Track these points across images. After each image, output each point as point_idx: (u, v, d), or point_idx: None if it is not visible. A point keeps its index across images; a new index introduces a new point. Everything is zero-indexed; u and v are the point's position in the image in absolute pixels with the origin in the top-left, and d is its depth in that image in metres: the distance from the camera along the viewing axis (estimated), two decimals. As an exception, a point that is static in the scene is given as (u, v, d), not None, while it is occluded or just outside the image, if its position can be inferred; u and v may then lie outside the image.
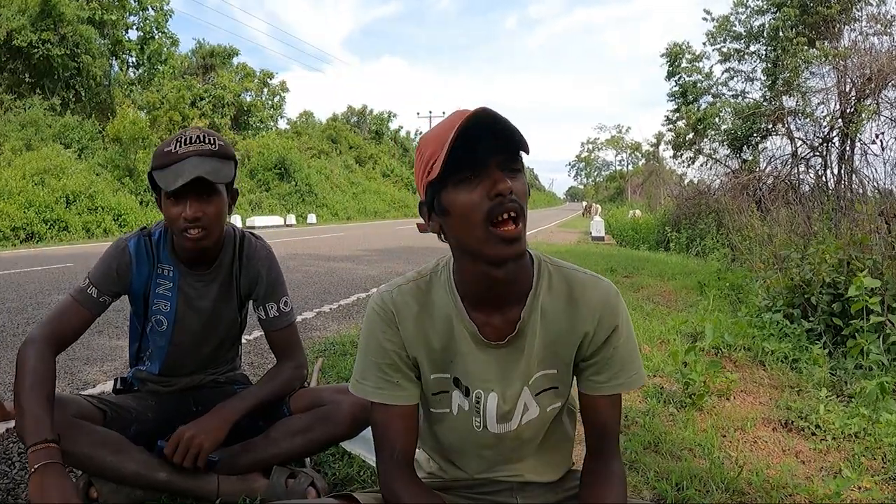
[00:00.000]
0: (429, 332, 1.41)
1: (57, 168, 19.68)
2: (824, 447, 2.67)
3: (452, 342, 1.40)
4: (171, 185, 1.87)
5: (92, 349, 4.38)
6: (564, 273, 1.43)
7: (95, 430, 1.94)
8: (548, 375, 1.44)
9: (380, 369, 1.41)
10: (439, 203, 1.27)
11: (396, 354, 1.41)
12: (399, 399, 1.42)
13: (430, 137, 1.27)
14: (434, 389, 1.46)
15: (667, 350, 4.14)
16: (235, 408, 2.04)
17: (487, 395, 1.42)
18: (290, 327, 2.23)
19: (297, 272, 9.12)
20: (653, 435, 2.71)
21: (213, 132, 2.00)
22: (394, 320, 1.40)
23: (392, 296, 1.42)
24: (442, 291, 1.41)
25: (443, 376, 1.44)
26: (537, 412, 1.47)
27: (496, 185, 1.19)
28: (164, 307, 2.13)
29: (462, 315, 1.38)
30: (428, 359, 1.42)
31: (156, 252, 2.11)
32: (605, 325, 1.40)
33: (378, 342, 1.41)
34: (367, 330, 1.43)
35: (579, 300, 1.40)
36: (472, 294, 1.37)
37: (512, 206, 1.20)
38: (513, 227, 1.21)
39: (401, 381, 1.42)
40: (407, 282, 1.44)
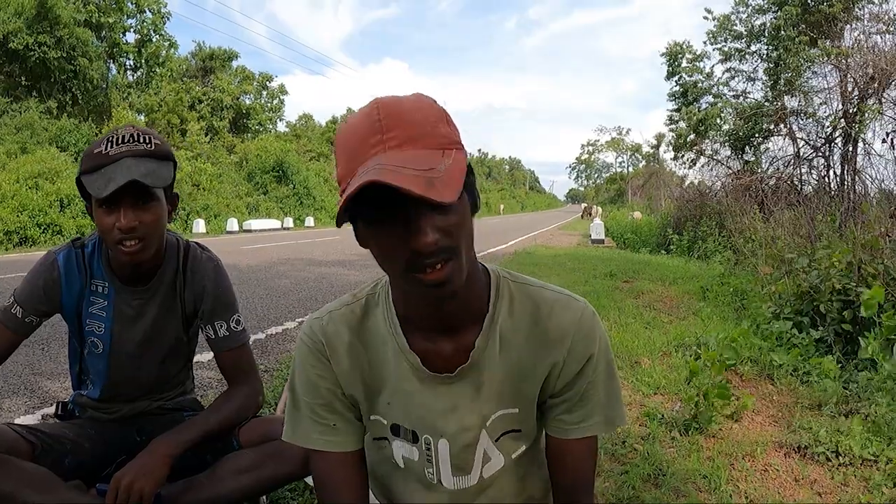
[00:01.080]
0: (364, 365, 1.18)
1: (52, 171, 19.45)
2: (842, 476, 2.43)
3: (389, 379, 1.16)
4: (102, 190, 1.63)
5: (58, 362, 4.14)
6: (528, 292, 1.16)
7: (20, 467, 1.69)
8: (508, 416, 1.18)
9: (312, 410, 1.18)
10: (356, 229, 1.02)
11: (330, 392, 1.18)
12: (337, 445, 1.18)
13: (341, 145, 0.98)
14: (375, 434, 1.22)
15: (668, 364, 3.90)
16: (176, 442, 1.79)
17: (437, 442, 1.17)
18: (241, 348, 1.97)
19: (286, 278, 8.89)
20: (653, 466, 2.46)
21: (150, 130, 1.76)
22: (324, 352, 1.17)
23: (322, 323, 1.19)
24: (380, 317, 1.17)
25: (380, 420, 1.20)
26: (501, 462, 1.21)
27: (414, 240, 0.92)
28: (99, 329, 1.90)
29: (401, 345, 1.13)
30: (365, 397, 1.20)
31: (88, 266, 1.87)
32: (578, 353, 1.13)
33: (308, 378, 1.18)
34: (297, 364, 1.21)
35: (547, 324, 1.13)
36: (414, 320, 1.12)
37: (435, 261, 0.94)
38: (438, 272, 0.95)
39: (337, 423, 1.19)
40: (340, 306, 1.21)
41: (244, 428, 1.94)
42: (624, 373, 3.79)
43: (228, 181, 28.40)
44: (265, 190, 30.81)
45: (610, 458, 2.58)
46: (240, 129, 37.02)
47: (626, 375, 3.73)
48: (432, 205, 0.89)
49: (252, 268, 10.05)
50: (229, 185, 28.17)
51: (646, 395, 3.39)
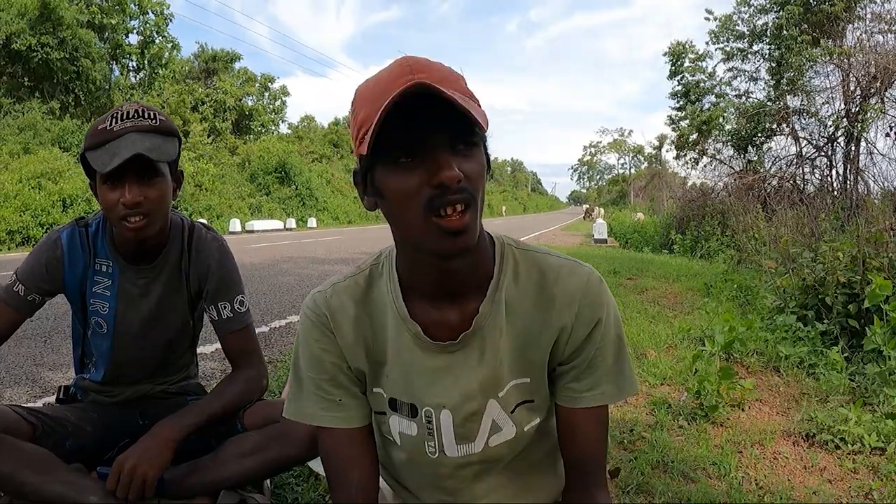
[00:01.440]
0: (368, 337, 1.15)
1: (54, 172, 19.44)
2: (851, 463, 2.41)
3: (389, 350, 1.13)
4: (106, 165, 1.61)
5: (61, 354, 4.13)
6: (533, 258, 1.13)
7: (19, 447, 1.67)
8: (520, 386, 1.14)
9: (317, 386, 1.15)
10: (372, 181, 0.99)
11: (335, 366, 1.15)
12: (343, 421, 1.15)
13: (363, 95, 0.98)
14: (376, 408, 1.19)
15: (674, 355, 3.87)
16: (180, 426, 1.76)
17: (439, 413, 1.13)
18: (245, 330, 1.95)
19: (289, 275, 8.88)
20: (661, 453, 2.43)
21: (153, 107, 1.74)
22: (328, 325, 1.14)
23: (325, 296, 1.16)
24: (382, 286, 1.15)
25: (380, 393, 1.17)
26: (513, 433, 1.16)
27: (439, 173, 0.91)
28: (103, 308, 1.88)
29: (402, 313, 1.10)
30: (370, 369, 1.16)
31: (92, 245, 1.85)
32: (586, 318, 1.10)
33: (312, 353, 1.15)
34: (301, 339, 1.17)
35: (553, 289, 1.10)
36: (416, 285, 1.10)
37: (457, 199, 0.93)
38: (458, 218, 0.93)
39: (343, 398, 1.16)
40: (344, 278, 1.18)
41: (248, 411, 1.91)
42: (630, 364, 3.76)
43: (231, 182, 28.42)
44: (268, 191, 30.82)
45: (618, 446, 2.55)
46: (242, 130, 37.05)
47: (632, 367, 3.70)
48: (463, 143, 0.94)
49: (256, 265, 10.04)
50: (232, 185, 28.18)
51: (652, 385, 3.37)
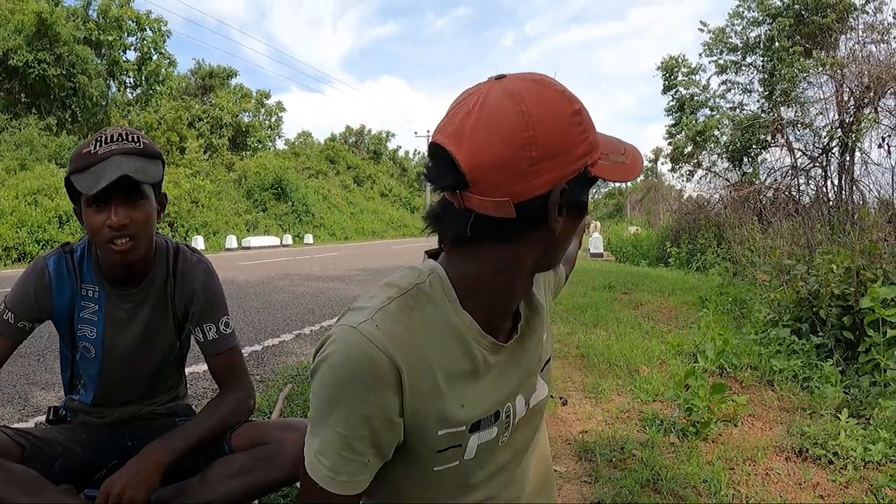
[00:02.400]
0: (434, 365, 0.97)
1: (51, 188, 19.47)
2: (844, 479, 2.40)
3: (464, 372, 1.02)
4: (92, 187, 1.62)
5: (53, 373, 4.11)
6: None
7: (7, 468, 1.66)
8: (546, 344, 1.20)
9: (348, 446, 0.94)
10: (578, 200, 0.96)
11: (385, 422, 0.95)
12: (358, 486, 0.98)
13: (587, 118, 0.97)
14: (441, 446, 1.03)
15: (667, 371, 3.87)
16: (168, 449, 1.76)
17: (515, 400, 1.11)
18: (231, 351, 1.95)
19: (284, 293, 8.85)
20: (652, 471, 2.42)
21: (137, 130, 1.75)
22: (394, 372, 0.92)
23: (377, 326, 0.93)
24: (444, 308, 1.00)
25: (454, 431, 1.02)
26: (546, 391, 1.20)
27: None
28: (91, 333, 1.88)
29: (474, 331, 1.01)
30: (436, 408, 0.99)
31: (78, 271, 1.85)
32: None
33: (354, 408, 0.92)
34: (340, 389, 0.93)
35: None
36: (487, 307, 1.02)
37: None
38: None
39: (371, 459, 0.97)
40: (388, 300, 0.97)
41: (236, 433, 1.91)
42: (622, 381, 3.76)
43: (227, 198, 28.41)
44: (264, 207, 30.82)
45: (608, 463, 2.54)
46: (238, 146, 37.06)
47: (624, 384, 3.70)
48: None
49: (250, 283, 10.02)
50: (228, 202, 28.18)
51: (644, 402, 3.36)
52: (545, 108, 0.88)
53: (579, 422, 3.09)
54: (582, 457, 2.64)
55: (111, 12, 27.63)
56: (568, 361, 4.31)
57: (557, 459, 2.63)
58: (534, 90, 0.90)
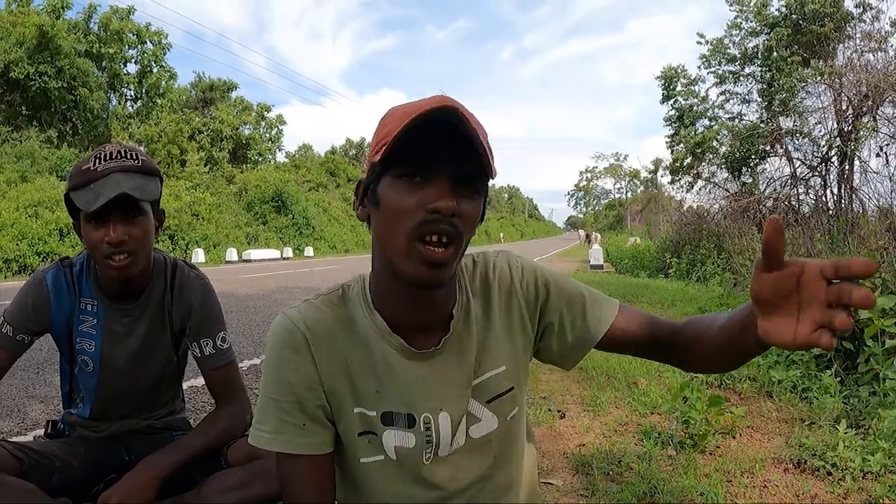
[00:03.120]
0: (346, 353, 1.14)
1: (51, 200, 19.51)
2: (842, 490, 2.39)
3: (375, 365, 1.14)
4: (91, 204, 1.65)
5: (52, 386, 4.11)
6: (474, 256, 1.25)
7: (6, 482, 1.69)
8: (497, 376, 1.19)
9: (281, 409, 1.12)
10: (374, 189, 1.05)
11: (305, 389, 1.12)
12: (306, 447, 1.13)
13: (394, 113, 1.03)
14: (359, 428, 1.16)
15: (664, 384, 3.87)
16: (164, 463, 1.78)
17: (437, 416, 1.15)
18: (228, 366, 1.96)
19: (284, 306, 8.82)
20: (649, 484, 2.42)
21: (136, 147, 1.78)
22: (305, 344, 1.11)
23: (300, 312, 1.14)
24: (357, 307, 1.16)
25: (367, 413, 1.15)
26: (495, 423, 1.20)
27: (437, 200, 0.97)
28: (89, 346, 1.89)
29: (382, 329, 1.13)
30: (349, 388, 1.14)
31: (77, 285, 1.88)
32: (528, 280, 1.23)
33: (280, 374, 1.12)
34: (270, 360, 1.14)
35: (491, 272, 1.23)
36: (392, 313, 1.13)
37: (444, 230, 0.98)
38: (440, 251, 0.99)
39: (307, 423, 1.13)
40: (316, 297, 1.18)
41: (232, 447, 1.92)
42: (621, 393, 3.76)
43: (228, 211, 28.45)
44: (264, 220, 30.85)
45: (605, 476, 2.54)
46: (239, 159, 37.18)
47: (622, 396, 3.70)
48: (467, 187, 1.00)
49: (251, 296, 10.04)
50: (229, 215, 28.21)
51: (642, 414, 3.36)
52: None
53: (577, 435, 3.09)
54: (579, 470, 2.64)
55: (112, 25, 27.81)
56: (566, 374, 4.30)
57: (554, 473, 2.63)
58: None
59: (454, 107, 0.95)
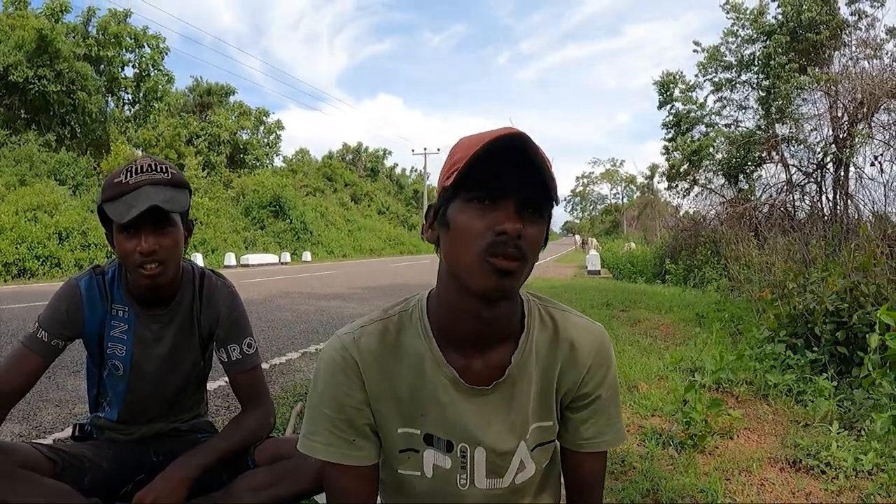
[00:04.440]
0: (396, 378, 1.22)
1: (50, 204, 19.54)
2: (836, 487, 2.49)
3: (424, 391, 1.22)
4: (124, 216, 1.74)
5: (65, 391, 4.19)
6: (553, 314, 1.28)
7: (40, 482, 1.77)
8: (544, 428, 1.29)
9: (333, 424, 1.22)
10: (444, 213, 1.12)
11: (355, 410, 1.22)
12: (355, 459, 1.23)
13: (466, 141, 1.12)
14: (401, 446, 1.26)
15: (665, 387, 3.96)
16: (195, 464, 1.88)
17: (474, 449, 1.24)
18: (254, 371, 2.06)
19: (287, 311, 8.93)
20: (651, 482, 2.52)
21: (165, 161, 1.87)
22: (356, 369, 1.20)
23: (353, 338, 1.22)
24: (413, 332, 1.23)
25: (411, 432, 1.25)
26: (534, 470, 1.30)
27: (504, 223, 1.04)
28: (120, 351, 1.98)
29: (437, 358, 1.21)
30: (396, 411, 1.23)
31: (109, 292, 1.96)
32: (596, 373, 1.27)
33: (333, 394, 1.21)
34: (322, 379, 1.23)
35: (571, 344, 1.25)
36: (452, 333, 1.20)
37: (511, 252, 1.05)
38: (511, 263, 1.06)
39: (357, 439, 1.23)
40: (371, 321, 1.25)
41: (259, 448, 2.02)
42: (622, 397, 3.84)
43: (226, 216, 28.49)
44: (262, 224, 30.89)
45: (609, 475, 2.63)
46: (237, 164, 37.15)
47: (623, 399, 3.79)
48: (533, 211, 1.08)
49: (252, 301, 10.09)
50: (227, 219, 28.25)
51: (643, 416, 3.45)
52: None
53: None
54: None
55: (110, 29, 27.80)
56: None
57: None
58: None
59: (521, 135, 1.03)
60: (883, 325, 3.64)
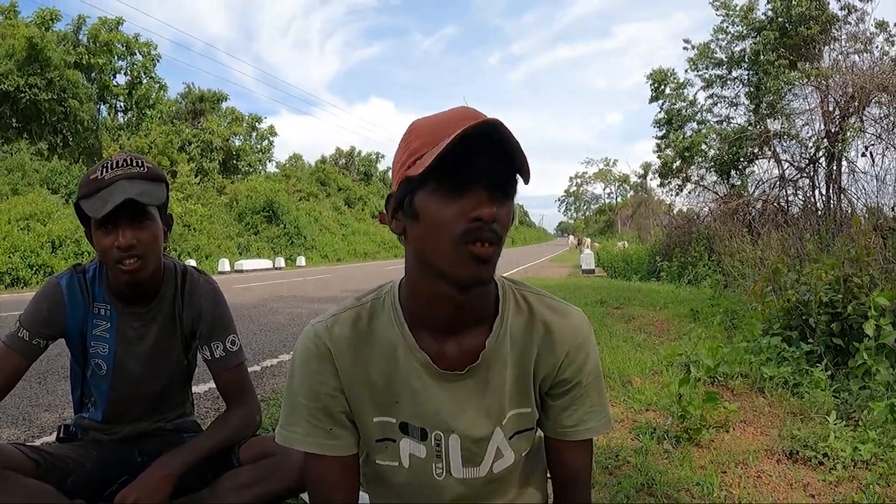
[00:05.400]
0: (370, 366, 1.20)
1: (43, 213, 19.50)
2: (834, 478, 2.47)
3: (398, 378, 1.19)
4: (100, 211, 1.71)
5: (56, 395, 4.16)
6: (531, 297, 1.24)
7: (24, 483, 1.72)
8: (522, 415, 1.25)
9: (310, 414, 1.20)
10: (410, 203, 1.07)
11: (330, 398, 1.20)
12: (333, 449, 1.21)
13: (423, 127, 1.09)
14: (377, 435, 1.24)
15: (659, 382, 3.93)
16: (179, 462, 1.83)
17: (448, 437, 1.21)
18: (238, 368, 2.02)
19: (280, 314, 8.90)
20: (646, 476, 2.49)
21: (141, 156, 1.84)
22: (329, 356, 1.18)
23: (326, 326, 1.20)
24: (386, 319, 1.21)
25: (387, 420, 1.22)
26: (512, 458, 1.26)
27: (478, 209, 1.02)
28: (103, 350, 1.94)
29: (410, 343, 1.18)
30: (370, 399, 1.21)
31: (90, 290, 1.93)
32: (575, 358, 1.22)
33: (308, 383, 1.20)
34: (297, 368, 1.21)
35: (547, 329, 1.21)
36: (425, 319, 1.17)
37: (488, 237, 1.03)
38: (488, 249, 1.03)
39: (334, 428, 1.21)
40: (345, 310, 1.23)
41: (243, 446, 1.98)
42: (616, 392, 3.82)
43: (219, 222, 28.43)
44: (256, 230, 30.85)
45: (603, 470, 2.60)
46: (230, 170, 37.07)
47: (617, 395, 3.76)
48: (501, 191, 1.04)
49: (245, 305, 10.05)
50: (220, 225, 28.20)
51: (637, 411, 3.42)
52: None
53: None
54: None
55: (101, 36, 27.77)
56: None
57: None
58: None
59: (495, 124, 0.99)
60: (878, 309, 3.61)
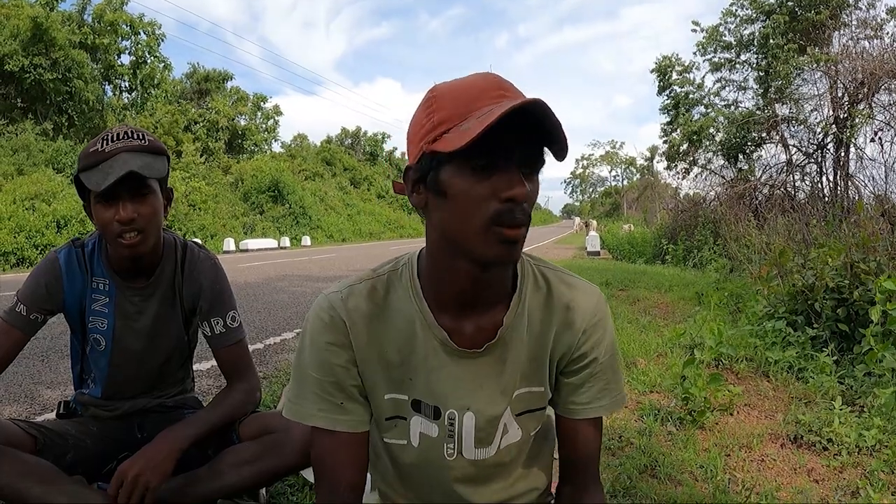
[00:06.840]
0: (385, 341, 1.15)
1: (48, 193, 19.48)
2: (838, 463, 2.45)
3: (414, 355, 1.15)
4: (100, 183, 1.68)
5: (58, 373, 4.15)
6: (549, 274, 1.21)
7: (22, 459, 1.72)
8: (533, 394, 1.22)
9: (321, 387, 1.15)
10: (436, 178, 1.02)
11: (343, 370, 1.14)
12: (344, 424, 1.16)
13: (447, 96, 1.02)
14: (388, 413, 1.20)
15: (664, 364, 3.92)
16: (183, 435, 1.81)
17: (462, 415, 1.17)
18: (238, 344, 2.00)
19: (284, 293, 8.91)
20: (649, 457, 2.48)
21: (142, 129, 1.81)
22: (343, 328, 1.13)
23: (341, 297, 1.15)
24: (403, 293, 1.16)
25: (399, 398, 1.18)
26: (519, 435, 1.23)
27: (512, 189, 0.97)
28: (101, 325, 1.93)
29: (428, 319, 1.13)
30: (383, 375, 1.17)
31: (89, 264, 1.91)
32: (592, 337, 1.19)
33: (320, 355, 1.14)
34: (309, 340, 1.15)
35: (565, 306, 1.18)
36: (444, 294, 1.13)
37: (520, 220, 0.99)
38: (517, 231, 1.00)
39: (345, 402, 1.16)
40: (360, 281, 1.18)
41: (244, 423, 1.97)
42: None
43: (224, 201, 28.40)
44: (261, 210, 30.81)
45: (606, 451, 2.59)
46: (235, 149, 37.02)
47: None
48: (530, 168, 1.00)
49: (250, 284, 10.06)
50: (225, 205, 28.17)
51: (641, 392, 3.41)
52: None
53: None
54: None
55: (106, 16, 27.62)
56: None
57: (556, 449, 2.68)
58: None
59: (541, 105, 0.93)
60: (884, 293, 3.58)
